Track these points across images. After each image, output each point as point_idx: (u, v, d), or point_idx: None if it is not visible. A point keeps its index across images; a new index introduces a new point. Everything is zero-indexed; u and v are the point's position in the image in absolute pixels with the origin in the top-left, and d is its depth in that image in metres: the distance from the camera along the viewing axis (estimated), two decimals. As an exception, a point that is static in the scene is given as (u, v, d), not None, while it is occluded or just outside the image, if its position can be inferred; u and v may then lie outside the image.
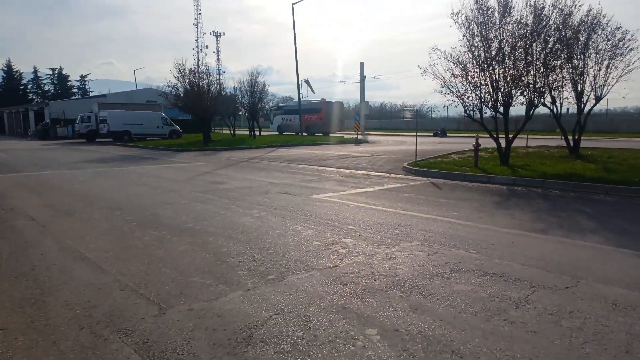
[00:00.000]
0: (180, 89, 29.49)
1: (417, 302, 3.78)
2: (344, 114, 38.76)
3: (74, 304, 3.62)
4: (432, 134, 40.83)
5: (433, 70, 14.02)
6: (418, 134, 17.54)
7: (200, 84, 29.08)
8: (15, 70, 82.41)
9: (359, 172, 14.29)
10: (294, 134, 39.65)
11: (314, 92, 46.23)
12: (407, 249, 5.41)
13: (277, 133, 42.12)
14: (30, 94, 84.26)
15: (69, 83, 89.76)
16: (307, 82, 43.89)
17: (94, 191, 10.14)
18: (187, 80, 29.00)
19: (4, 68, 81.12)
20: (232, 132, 39.30)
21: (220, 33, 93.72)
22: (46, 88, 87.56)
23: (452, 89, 14.09)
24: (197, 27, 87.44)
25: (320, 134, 39.75)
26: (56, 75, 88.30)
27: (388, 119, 71.71)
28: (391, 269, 4.65)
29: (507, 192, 10.29)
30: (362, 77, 51.66)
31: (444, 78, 14.04)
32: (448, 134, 41.32)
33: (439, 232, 6.27)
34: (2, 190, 10.21)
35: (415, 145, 16.56)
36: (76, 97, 77.49)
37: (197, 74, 29.51)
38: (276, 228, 6.51)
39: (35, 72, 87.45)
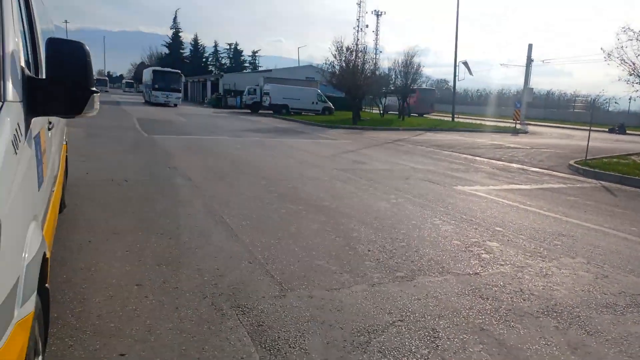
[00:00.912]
0: (336, 66, 30.08)
1: (577, 339, 3.05)
2: (435, 99, 40.40)
3: (204, 270, 3.73)
4: (607, 130, 35.21)
5: (620, 55, 11.82)
6: (591, 128, 15.09)
7: (356, 63, 29.24)
8: (200, 44, 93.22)
9: (514, 165, 12.87)
10: (396, 113, 43.02)
11: (472, 75, 43.29)
12: (568, 266, 4.52)
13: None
14: (210, 66, 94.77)
15: (242, 58, 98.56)
16: (465, 64, 41.17)
17: (247, 159, 10.81)
18: (344, 58, 29.40)
19: (191, 42, 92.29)
20: (381, 112, 39.09)
21: (381, 12, 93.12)
22: (223, 61, 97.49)
23: (646, 78, 11.74)
24: (359, 6, 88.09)
25: (416, 115, 43.55)
26: (232, 50, 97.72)
27: (555, 109, 64.20)
28: (546, 289, 3.90)
29: None
30: (529, 61, 46.64)
31: (634, 64, 11.75)
32: (628, 131, 35.22)
33: (612, 250, 5.16)
34: (173, 150, 11.47)
35: (587, 141, 14.30)
36: (247, 71, 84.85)
37: (353, 52, 29.72)
38: (412, 218, 6.06)
39: (215, 46, 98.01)
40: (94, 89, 1.97)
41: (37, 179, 1.92)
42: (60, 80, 1.85)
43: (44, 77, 1.98)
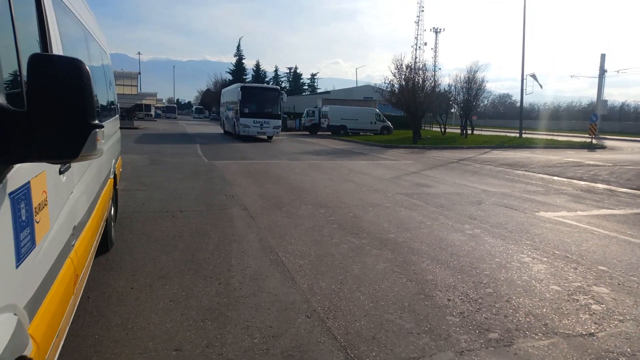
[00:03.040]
0: (395, 85, 29.40)
1: None
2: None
3: (254, 328, 3.16)
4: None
5: None
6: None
7: (416, 80, 28.42)
8: (261, 69, 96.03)
9: (599, 185, 11.50)
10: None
11: (541, 87, 40.84)
12: None
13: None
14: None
15: (301, 80, 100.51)
16: (533, 76, 38.86)
17: (305, 184, 10.34)
18: (403, 76, 28.67)
19: (254, 68, 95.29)
20: (442, 130, 37.71)
21: (440, 29, 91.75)
22: (283, 85, 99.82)
23: None
24: (418, 25, 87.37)
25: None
26: (291, 74, 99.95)
27: (631, 122, 59.55)
28: (692, 360, 2.98)
29: None
30: (602, 72, 43.53)
31: None
32: None
33: None
34: (231, 176, 11.25)
35: (688, 157, 12.60)
36: (306, 93, 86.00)
37: (413, 70, 28.94)
38: (495, 254, 5.23)
39: (275, 71, 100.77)
40: (97, 122, 1.47)
41: (13, 253, 1.43)
42: (48, 112, 1.37)
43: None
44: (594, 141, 29.57)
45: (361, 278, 4.30)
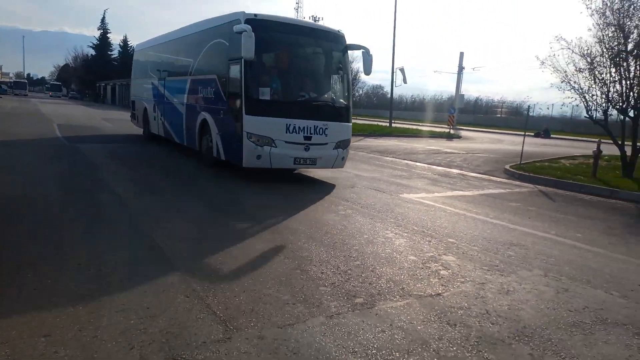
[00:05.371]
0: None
1: (556, 369, 2.80)
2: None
3: (130, 310, 3.11)
4: (533, 134, 37.33)
5: (552, 62, 12.37)
6: (516, 132, 15.74)
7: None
8: (130, 45, 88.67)
9: (454, 171, 13.06)
10: None
11: (405, 82, 44.34)
12: (527, 280, 4.36)
13: None
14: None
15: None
16: (402, 70, 41.86)
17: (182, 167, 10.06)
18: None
19: (120, 43, 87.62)
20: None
21: (319, 18, 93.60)
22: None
23: (574, 85, 12.34)
24: (297, 12, 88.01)
25: None
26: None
27: (482, 115, 67.91)
28: (512, 309, 3.67)
29: (637, 212, 8.62)
30: (461, 68, 48.89)
31: (565, 72, 12.34)
32: (552, 135, 37.59)
33: (564, 260, 5.10)
34: (99, 160, 10.45)
35: (522, 145, 14.87)
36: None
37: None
38: (364, 232, 5.73)
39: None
40: None
41: None
42: None
43: None
44: (452, 131, 33.09)
45: (241, 258, 4.42)
